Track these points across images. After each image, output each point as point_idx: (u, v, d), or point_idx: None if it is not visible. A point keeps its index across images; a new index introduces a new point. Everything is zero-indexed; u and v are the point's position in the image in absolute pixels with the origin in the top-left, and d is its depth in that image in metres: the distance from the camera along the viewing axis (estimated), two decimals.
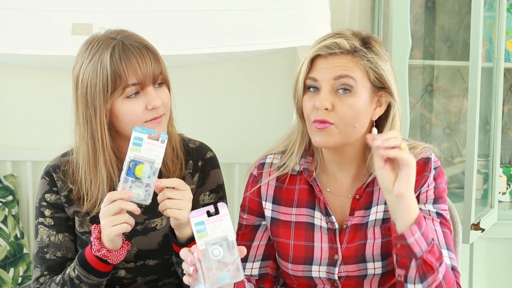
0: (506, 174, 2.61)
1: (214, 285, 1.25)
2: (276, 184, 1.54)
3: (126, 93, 1.46)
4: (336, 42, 1.41)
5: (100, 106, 1.46)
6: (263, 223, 1.56)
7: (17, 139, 2.57)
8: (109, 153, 1.50)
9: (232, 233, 1.25)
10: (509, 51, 2.55)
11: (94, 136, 1.49)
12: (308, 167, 1.52)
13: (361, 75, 1.41)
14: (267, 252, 1.56)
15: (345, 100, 1.40)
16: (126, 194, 1.36)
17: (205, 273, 1.24)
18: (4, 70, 2.51)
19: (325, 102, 1.39)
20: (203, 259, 1.24)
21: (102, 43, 1.48)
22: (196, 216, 1.25)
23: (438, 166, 1.50)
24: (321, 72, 1.42)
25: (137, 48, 1.47)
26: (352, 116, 1.40)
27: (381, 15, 2.47)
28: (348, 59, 1.41)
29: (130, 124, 1.47)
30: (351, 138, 1.43)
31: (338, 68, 1.40)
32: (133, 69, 1.45)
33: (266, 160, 1.57)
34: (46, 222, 1.58)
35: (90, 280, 1.45)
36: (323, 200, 1.50)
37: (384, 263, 1.48)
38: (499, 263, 2.53)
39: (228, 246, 1.25)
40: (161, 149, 1.38)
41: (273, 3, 2.06)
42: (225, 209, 1.25)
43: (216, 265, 1.24)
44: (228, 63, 2.51)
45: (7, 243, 2.39)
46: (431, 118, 2.73)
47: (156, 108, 1.48)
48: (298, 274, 1.51)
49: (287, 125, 2.27)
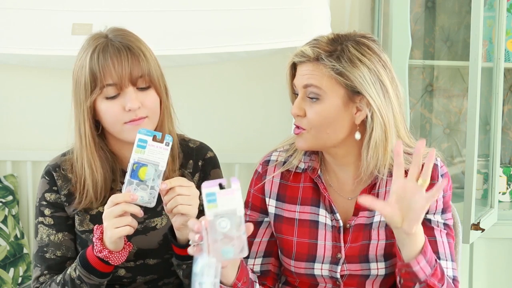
0: (506, 174, 2.61)
1: (217, 257, 1.24)
2: (281, 182, 1.55)
3: (104, 93, 1.48)
4: (302, 50, 1.45)
5: (82, 103, 1.49)
6: (265, 219, 1.56)
7: (17, 139, 2.56)
8: (92, 150, 1.52)
9: (241, 208, 1.24)
10: (509, 51, 2.55)
11: (80, 134, 1.52)
12: (313, 165, 1.53)
13: (329, 82, 1.41)
14: (269, 249, 1.56)
15: (313, 107, 1.43)
16: (129, 196, 1.37)
17: (210, 244, 1.24)
18: (4, 70, 2.51)
19: (295, 109, 1.45)
20: (210, 230, 1.24)
21: (91, 40, 1.51)
22: (208, 187, 1.25)
23: (444, 173, 1.51)
24: (297, 79, 1.46)
25: (116, 48, 1.48)
26: (320, 122, 1.43)
27: (381, 15, 2.47)
28: (314, 67, 1.43)
29: (111, 123, 1.50)
30: (327, 142, 1.45)
31: (306, 76, 1.44)
32: (108, 70, 1.46)
33: (271, 157, 1.58)
34: (46, 222, 1.59)
35: (91, 281, 1.45)
36: (328, 198, 1.50)
37: (387, 264, 1.48)
38: (499, 263, 2.53)
39: (235, 221, 1.24)
40: (166, 152, 1.38)
41: (273, 3, 2.06)
42: (237, 184, 1.25)
43: (222, 237, 1.24)
44: (228, 63, 2.51)
45: (7, 243, 2.39)
46: (431, 118, 2.73)
47: (134, 110, 1.48)
48: (300, 272, 1.52)
49: (287, 125, 2.27)
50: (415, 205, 1.29)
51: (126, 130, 1.50)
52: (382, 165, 1.44)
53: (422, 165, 1.31)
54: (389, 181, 1.47)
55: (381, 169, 1.45)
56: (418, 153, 1.30)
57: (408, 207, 1.29)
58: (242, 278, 1.40)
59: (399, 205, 1.30)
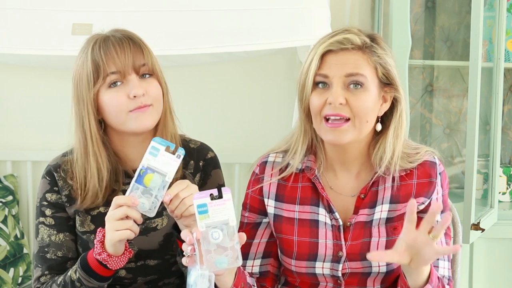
0: (506, 174, 2.61)
1: (211, 268, 1.26)
2: (279, 182, 1.54)
3: (107, 82, 1.48)
4: (348, 38, 1.42)
5: (86, 97, 1.49)
6: (264, 220, 1.56)
7: (17, 139, 2.56)
8: (98, 144, 1.52)
9: (233, 218, 1.25)
10: (509, 51, 2.55)
11: (84, 129, 1.52)
12: (311, 165, 1.53)
13: (370, 72, 1.43)
14: (268, 249, 1.56)
15: (358, 95, 1.42)
16: (131, 200, 1.36)
17: (204, 255, 1.25)
18: (4, 70, 2.51)
19: (339, 97, 1.40)
20: (203, 241, 1.25)
21: (91, 39, 1.52)
22: (199, 198, 1.26)
23: (442, 171, 1.53)
24: (332, 68, 1.42)
25: (118, 38, 1.50)
26: (365, 110, 1.42)
27: (381, 15, 2.47)
28: (359, 55, 1.42)
29: (115, 114, 1.49)
30: (363, 133, 1.45)
31: (350, 65, 1.41)
32: (111, 57, 1.48)
33: (268, 158, 1.57)
34: (47, 222, 1.58)
35: (90, 284, 1.45)
36: (326, 197, 1.50)
37: (388, 262, 1.48)
38: (499, 263, 2.53)
39: (228, 231, 1.25)
40: (175, 164, 1.37)
41: (273, 3, 2.05)
42: (229, 194, 1.26)
43: (215, 248, 1.25)
44: (228, 63, 2.51)
45: (7, 243, 2.39)
46: (431, 118, 2.73)
47: (138, 97, 1.48)
48: (301, 271, 1.52)
49: (287, 125, 2.27)
50: (424, 256, 1.30)
51: (131, 119, 1.50)
52: (391, 158, 1.46)
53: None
54: (388, 179, 1.50)
55: (389, 163, 1.47)
56: (433, 213, 1.29)
57: (418, 254, 1.31)
58: (239, 284, 1.40)
59: (408, 251, 1.31)
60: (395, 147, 1.47)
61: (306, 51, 2.00)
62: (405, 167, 1.49)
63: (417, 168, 1.50)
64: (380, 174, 1.48)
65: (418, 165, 1.50)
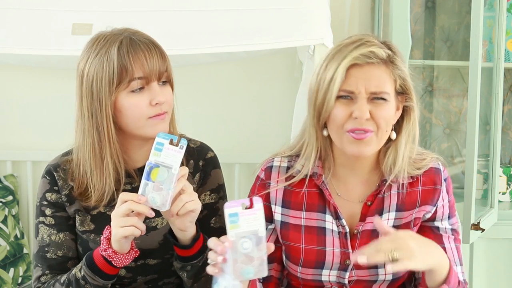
0: (506, 174, 2.61)
1: (237, 277, 1.25)
2: (285, 188, 1.53)
3: (131, 86, 1.47)
4: (374, 52, 1.40)
5: (106, 99, 1.47)
6: (269, 227, 1.54)
7: (17, 139, 2.57)
8: (115, 145, 1.51)
9: (263, 229, 1.25)
10: (509, 51, 2.55)
11: (99, 130, 1.49)
12: (318, 171, 1.51)
13: (391, 85, 1.43)
14: (272, 255, 1.54)
15: (381, 108, 1.41)
16: (136, 196, 1.36)
17: (231, 265, 1.24)
18: (4, 70, 2.51)
19: (366, 112, 1.39)
20: (231, 250, 1.24)
21: (109, 38, 1.49)
22: (231, 207, 1.25)
23: (447, 177, 1.53)
24: (358, 84, 1.40)
25: (144, 43, 1.49)
26: (386, 122, 1.42)
27: (381, 15, 2.47)
28: (383, 69, 1.42)
29: (133, 119, 1.48)
30: (382, 143, 1.45)
31: (375, 81, 1.40)
32: (140, 62, 1.46)
33: (273, 163, 1.55)
34: (47, 221, 1.58)
35: (95, 282, 1.45)
36: (333, 204, 1.49)
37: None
38: (499, 263, 2.53)
39: (257, 241, 1.25)
40: (179, 155, 1.37)
41: (273, 3, 2.05)
42: (260, 204, 1.25)
43: (243, 258, 1.25)
44: (228, 63, 2.51)
45: (7, 243, 2.39)
46: (431, 118, 2.74)
47: (160, 104, 1.48)
48: (308, 278, 1.51)
49: (286, 125, 2.27)
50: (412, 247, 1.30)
51: (149, 125, 1.49)
52: (401, 163, 1.47)
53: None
54: (394, 186, 1.49)
55: (399, 170, 1.47)
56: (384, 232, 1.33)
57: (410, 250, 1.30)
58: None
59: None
60: (404, 154, 1.47)
61: (306, 51, 2.01)
62: (412, 174, 1.49)
63: (423, 174, 1.50)
64: (389, 182, 1.48)
65: (424, 172, 1.50)
